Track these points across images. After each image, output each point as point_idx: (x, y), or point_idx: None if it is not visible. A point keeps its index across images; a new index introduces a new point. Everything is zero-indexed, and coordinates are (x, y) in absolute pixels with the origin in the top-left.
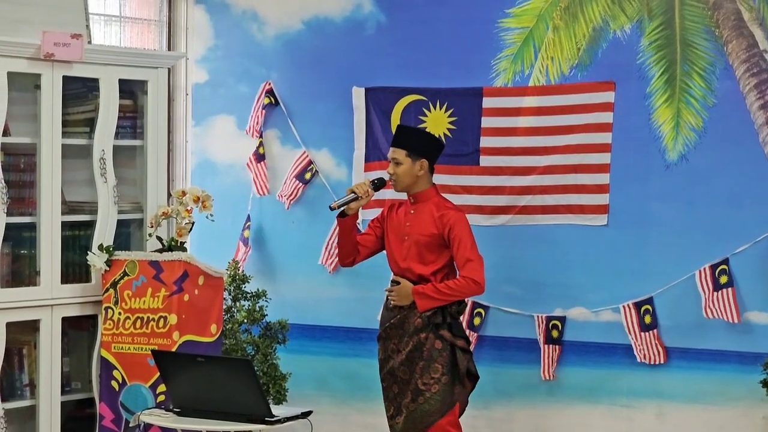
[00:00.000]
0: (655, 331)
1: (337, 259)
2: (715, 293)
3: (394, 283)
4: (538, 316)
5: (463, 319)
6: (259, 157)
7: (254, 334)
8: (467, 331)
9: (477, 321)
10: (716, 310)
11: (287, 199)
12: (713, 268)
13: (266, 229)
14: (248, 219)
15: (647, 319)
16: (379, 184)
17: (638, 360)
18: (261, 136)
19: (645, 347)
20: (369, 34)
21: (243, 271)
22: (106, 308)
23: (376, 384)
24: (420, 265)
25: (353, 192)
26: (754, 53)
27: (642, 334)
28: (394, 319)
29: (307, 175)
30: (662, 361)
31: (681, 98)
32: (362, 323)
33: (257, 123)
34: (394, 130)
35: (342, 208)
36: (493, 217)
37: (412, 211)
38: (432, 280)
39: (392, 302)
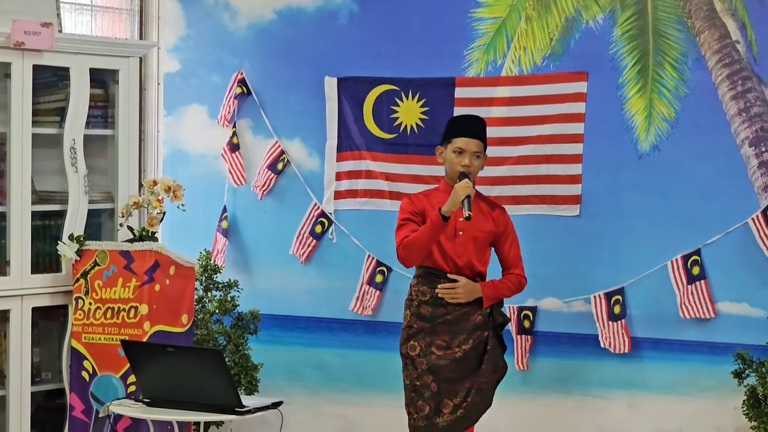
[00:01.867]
0: (623, 321)
1: (308, 250)
2: (689, 287)
3: (449, 281)
4: (509, 306)
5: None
6: (233, 146)
7: (226, 325)
8: None
9: None
10: (692, 308)
11: (260, 189)
12: (685, 258)
13: (239, 220)
14: (224, 210)
15: (616, 309)
16: (470, 200)
17: (602, 346)
18: (234, 126)
19: (611, 336)
20: (341, 24)
21: (224, 263)
22: (77, 298)
23: (347, 374)
24: (478, 261)
25: (468, 196)
26: (727, 44)
27: (609, 323)
28: (450, 315)
29: (280, 165)
30: (627, 351)
31: (653, 89)
32: (334, 313)
33: (229, 112)
34: (366, 121)
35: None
36: None
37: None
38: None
39: (454, 300)
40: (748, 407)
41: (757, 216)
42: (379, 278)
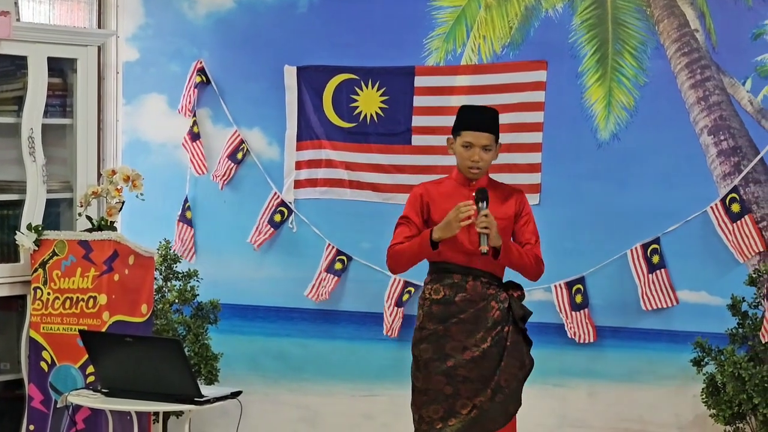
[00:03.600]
0: (586, 310)
1: (263, 238)
2: (650, 276)
3: (464, 276)
4: None
5: (393, 296)
6: (194, 136)
7: (185, 314)
8: (393, 308)
9: (405, 297)
10: (654, 299)
11: (221, 179)
12: (645, 247)
13: (199, 209)
14: (186, 200)
15: (578, 298)
16: (483, 196)
17: (569, 336)
18: (194, 115)
19: (576, 326)
20: (301, 13)
21: (194, 253)
22: (35, 288)
23: (308, 364)
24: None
25: (484, 227)
26: (685, 32)
27: (573, 313)
28: (464, 314)
29: (239, 155)
30: (592, 340)
31: (613, 77)
32: (294, 303)
33: (189, 102)
34: (326, 110)
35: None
36: None
37: (474, 194)
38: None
39: (481, 229)
40: (707, 395)
41: (716, 204)
42: (338, 266)
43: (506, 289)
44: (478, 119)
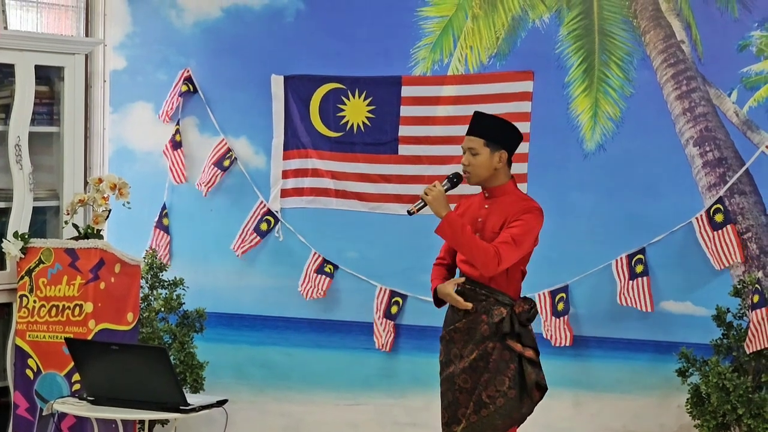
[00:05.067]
0: (565, 317)
1: (247, 246)
2: (631, 282)
3: (472, 284)
4: None
5: (381, 307)
6: (176, 144)
7: (171, 323)
8: (383, 320)
9: (394, 309)
10: (630, 298)
11: (205, 186)
12: (630, 257)
13: (184, 218)
14: (164, 207)
15: (560, 306)
16: (456, 181)
17: (544, 336)
18: (177, 124)
19: (554, 330)
20: (288, 22)
21: (169, 259)
22: (21, 296)
23: (293, 372)
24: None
25: (425, 194)
26: (672, 44)
27: (552, 318)
28: (459, 322)
29: (226, 163)
30: (568, 344)
31: (599, 88)
32: (279, 311)
33: (171, 108)
34: (313, 119)
35: None
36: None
37: (486, 206)
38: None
39: (424, 196)
40: (692, 405)
41: (701, 215)
42: (327, 269)
43: (512, 305)
44: (470, 125)
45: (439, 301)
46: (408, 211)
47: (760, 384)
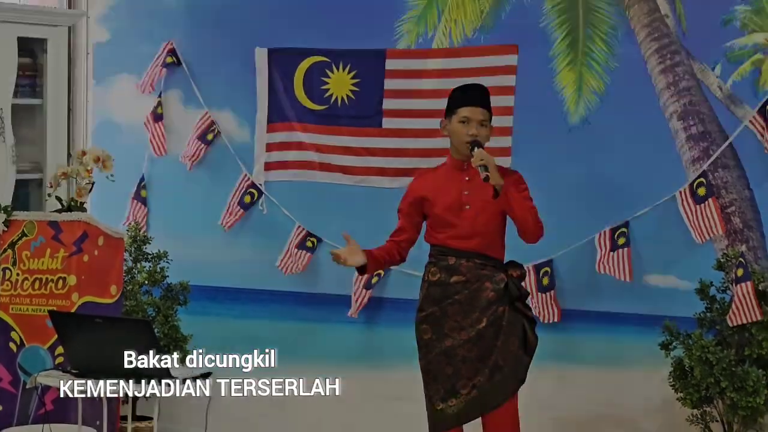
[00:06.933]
0: (552, 292)
1: (233, 219)
2: (612, 253)
3: (459, 259)
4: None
5: (362, 278)
6: (157, 116)
7: (155, 296)
8: (361, 290)
9: (375, 280)
10: (609, 267)
11: (190, 160)
12: (613, 231)
13: (167, 191)
14: (143, 179)
15: (545, 281)
16: (475, 144)
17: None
18: (159, 96)
19: (541, 306)
20: None
21: (145, 231)
22: (4, 269)
23: (278, 345)
24: (492, 237)
25: (480, 160)
26: (656, 18)
27: (539, 294)
28: (459, 294)
29: (210, 136)
30: (557, 320)
31: (583, 62)
32: (263, 284)
33: (152, 80)
34: (297, 92)
35: None
36: (397, 179)
37: (467, 178)
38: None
39: (478, 162)
40: (675, 379)
41: (684, 189)
42: (309, 244)
43: (506, 270)
44: (471, 95)
45: (362, 269)
46: (484, 179)
47: (743, 357)
